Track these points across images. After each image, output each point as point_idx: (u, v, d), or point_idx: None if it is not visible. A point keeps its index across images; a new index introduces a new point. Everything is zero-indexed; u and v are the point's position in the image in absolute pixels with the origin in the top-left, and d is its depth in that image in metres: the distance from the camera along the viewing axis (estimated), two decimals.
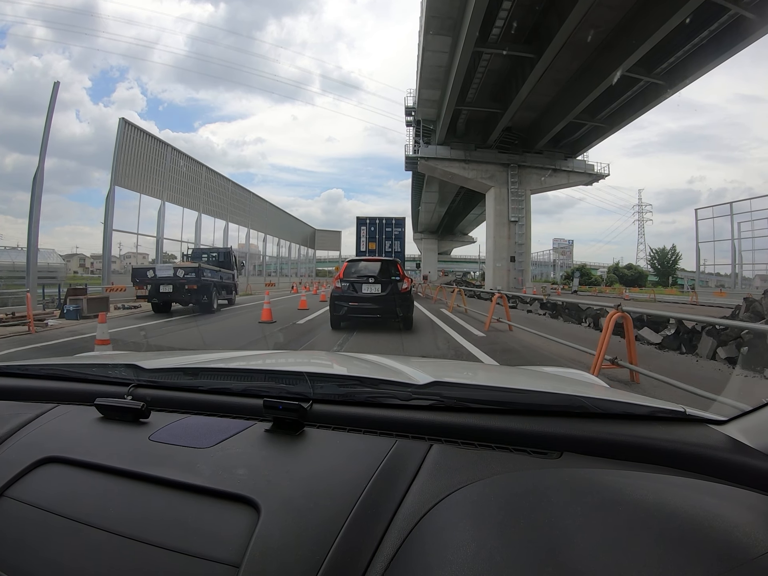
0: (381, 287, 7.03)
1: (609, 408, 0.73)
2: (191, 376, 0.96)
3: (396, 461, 0.61)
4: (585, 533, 0.45)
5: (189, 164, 22.07)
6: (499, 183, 26.78)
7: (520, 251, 26.42)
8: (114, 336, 5.67)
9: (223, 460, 0.63)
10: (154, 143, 18.99)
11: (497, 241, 26.36)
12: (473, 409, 0.74)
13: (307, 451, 0.66)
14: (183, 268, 9.95)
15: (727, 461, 0.60)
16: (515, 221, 26.37)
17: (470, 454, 0.64)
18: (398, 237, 21.18)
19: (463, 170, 26.54)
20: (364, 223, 21.42)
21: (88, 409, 0.80)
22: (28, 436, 0.73)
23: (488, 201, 27.46)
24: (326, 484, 0.57)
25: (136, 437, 0.70)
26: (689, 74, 19.52)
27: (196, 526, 0.52)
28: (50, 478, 0.62)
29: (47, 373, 1.00)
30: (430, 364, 1.53)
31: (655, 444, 0.64)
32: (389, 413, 0.75)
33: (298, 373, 0.95)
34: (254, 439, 0.69)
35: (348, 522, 0.50)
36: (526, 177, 27.15)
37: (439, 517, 0.50)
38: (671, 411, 0.72)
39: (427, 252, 55.25)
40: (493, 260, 26.49)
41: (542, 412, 0.73)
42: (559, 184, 28.52)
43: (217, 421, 0.76)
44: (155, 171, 18.56)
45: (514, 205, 26.35)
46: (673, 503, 0.50)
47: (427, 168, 27.00)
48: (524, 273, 26.50)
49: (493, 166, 26.92)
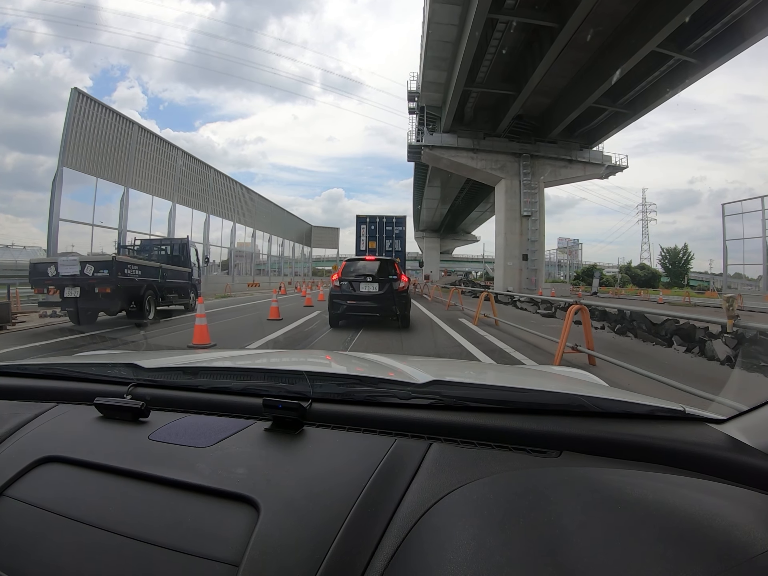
0: (379, 286, 7.01)
1: (608, 407, 0.73)
2: (191, 375, 0.97)
3: (395, 460, 0.61)
4: (584, 532, 0.45)
5: (160, 145, 18.85)
6: (511, 174, 24.72)
7: (533, 249, 24.32)
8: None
9: (222, 459, 0.63)
10: (114, 119, 16.00)
11: (508, 237, 24.24)
12: (473, 408, 0.74)
13: (307, 450, 0.66)
14: (93, 262, 7.38)
15: (727, 460, 0.60)
16: (528, 216, 24.28)
17: (470, 453, 0.64)
18: (399, 236, 19.55)
19: (471, 160, 24.46)
20: (364, 222, 19.83)
21: (88, 408, 0.80)
22: (27, 436, 0.73)
23: (498, 194, 25.38)
24: (326, 483, 0.57)
25: (135, 436, 0.70)
26: (725, 51, 17.49)
27: (196, 526, 0.52)
28: (50, 478, 0.63)
29: (46, 372, 1.01)
30: (430, 363, 1.55)
31: (654, 443, 0.64)
32: (389, 412, 0.75)
33: (298, 372, 0.96)
34: (254, 438, 0.69)
35: (347, 521, 0.50)
36: (539, 168, 25.09)
37: (438, 516, 0.50)
38: (670, 410, 0.72)
39: (429, 251, 53.29)
40: (504, 259, 24.34)
41: (542, 411, 0.73)
42: (574, 176, 26.43)
43: (216, 420, 0.76)
44: (117, 152, 15.88)
45: (526, 198, 24.27)
46: (672, 502, 0.50)
47: (432, 158, 24.89)
48: (538, 272, 24.40)
49: (503, 155, 24.86)
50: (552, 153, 25.43)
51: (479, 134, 24.62)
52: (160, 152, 19.07)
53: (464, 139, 24.41)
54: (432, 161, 25.51)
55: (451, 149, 24.39)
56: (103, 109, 15.41)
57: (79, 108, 14.03)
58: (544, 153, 25.25)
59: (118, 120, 16.34)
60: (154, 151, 18.46)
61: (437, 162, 25.25)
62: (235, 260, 27.82)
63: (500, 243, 25.15)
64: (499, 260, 25.61)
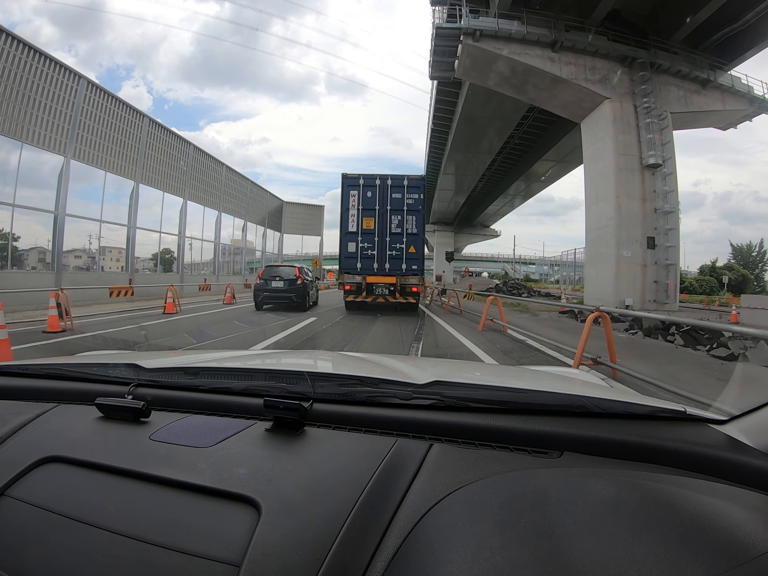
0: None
1: (609, 407, 0.73)
2: (192, 375, 0.96)
3: (396, 460, 0.61)
4: (586, 533, 0.45)
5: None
6: (619, 93, 13.75)
7: (665, 226, 13.20)
8: None
9: (223, 459, 0.63)
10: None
11: (622, 204, 13.09)
12: (474, 409, 0.74)
13: (308, 451, 0.66)
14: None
15: (728, 461, 0.59)
16: (656, 167, 13.23)
17: (471, 454, 0.64)
18: (414, 208, 9.91)
19: (551, 63, 13.43)
20: (356, 185, 10.02)
21: (89, 408, 0.79)
22: (28, 436, 0.73)
23: (594, 129, 14.31)
24: (327, 483, 0.57)
25: (136, 437, 0.70)
26: None
27: (197, 526, 0.51)
28: (51, 478, 0.63)
29: (48, 372, 1.00)
30: (431, 364, 1.55)
31: (655, 443, 0.64)
32: (390, 412, 0.75)
33: (299, 372, 0.95)
34: (255, 438, 0.69)
35: (348, 521, 0.50)
36: (662, 89, 14.19)
37: (439, 516, 0.50)
38: (672, 411, 0.72)
39: (441, 247, 42.18)
40: (612, 245, 13.06)
41: (543, 412, 0.73)
42: (711, 109, 15.39)
43: (217, 420, 0.76)
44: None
45: (649, 134, 13.25)
46: (673, 503, 0.50)
47: (479, 58, 13.70)
48: (672, 272, 13.29)
49: (604, 61, 13.94)
50: (679, 66, 14.53)
51: (559, 24, 13.63)
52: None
53: (536, 28, 13.41)
54: (476, 67, 14.14)
55: (515, 42, 13.33)
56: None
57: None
58: (670, 64, 14.33)
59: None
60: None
61: (488, 65, 13.93)
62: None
63: (599, 216, 13.88)
64: (596, 248, 14.27)
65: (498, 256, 63.79)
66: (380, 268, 9.66)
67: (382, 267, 9.66)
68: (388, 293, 9.61)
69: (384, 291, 9.61)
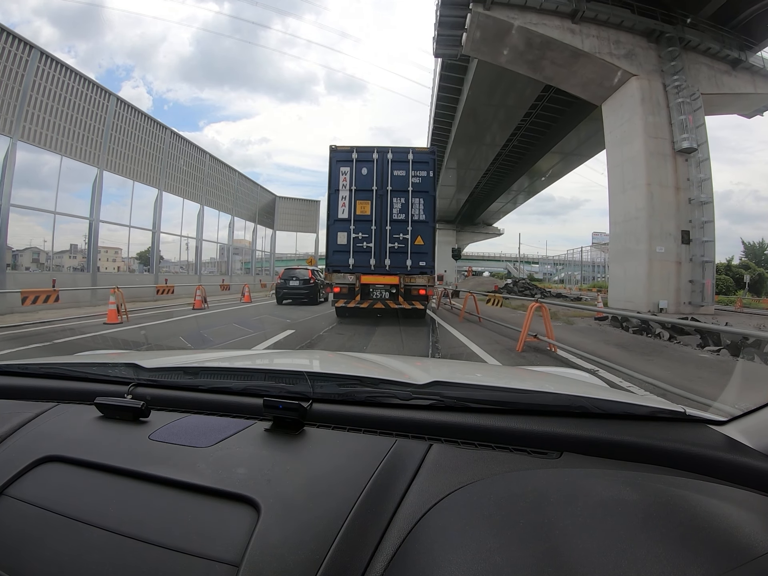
0: None
1: (609, 408, 0.73)
2: (191, 375, 0.95)
3: (396, 461, 0.61)
4: (585, 533, 0.45)
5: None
6: (647, 70, 12.31)
7: (701, 218, 11.72)
8: None
9: (222, 459, 0.63)
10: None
11: (654, 193, 11.60)
12: (473, 409, 0.73)
13: (307, 451, 0.66)
14: None
15: (727, 462, 0.59)
16: (689, 150, 11.76)
17: (470, 454, 0.64)
18: (421, 189, 7.67)
19: (571, 34, 11.96)
20: (348, 160, 7.83)
21: (88, 408, 0.79)
22: (28, 435, 0.73)
23: (619, 110, 12.84)
24: (326, 483, 0.57)
25: (136, 436, 0.70)
26: None
27: (196, 526, 0.51)
28: (50, 477, 0.63)
29: (47, 372, 1.00)
30: (431, 364, 1.58)
31: (655, 444, 0.63)
32: (389, 413, 0.74)
33: (298, 372, 0.95)
34: (254, 438, 0.69)
35: (348, 521, 0.50)
36: (692, 68, 12.80)
37: (438, 516, 0.50)
38: (671, 411, 0.72)
39: (442, 245, 40.62)
40: (647, 239, 11.51)
41: (542, 412, 0.73)
42: (742, 92, 13.96)
43: (217, 420, 0.76)
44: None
45: (681, 115, 11.80)
46: (672, 504, 0.50)
47: (490, 30, 12.18)
48: (708, 270, 11.81)
49: (630, 35, 12.54)
50: (709, 44, 13.13)
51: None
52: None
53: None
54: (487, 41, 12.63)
55: (531, 11, 11.84)
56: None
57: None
58: (700, 41, 12.93)
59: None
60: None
61: (498, 41, 12.43)
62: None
63: (627, 207, 12.39)
64: (623, 243, 12.72)
65: (500, 255, 62.33)
66: (378, 265, 7.58)
67: (380, 264, 7.57)
68: (389, 297, 7.56)
69: (383, 294, 7.59)
